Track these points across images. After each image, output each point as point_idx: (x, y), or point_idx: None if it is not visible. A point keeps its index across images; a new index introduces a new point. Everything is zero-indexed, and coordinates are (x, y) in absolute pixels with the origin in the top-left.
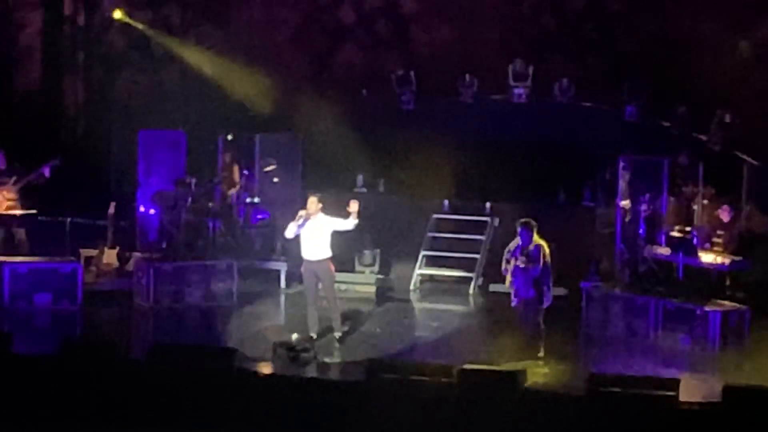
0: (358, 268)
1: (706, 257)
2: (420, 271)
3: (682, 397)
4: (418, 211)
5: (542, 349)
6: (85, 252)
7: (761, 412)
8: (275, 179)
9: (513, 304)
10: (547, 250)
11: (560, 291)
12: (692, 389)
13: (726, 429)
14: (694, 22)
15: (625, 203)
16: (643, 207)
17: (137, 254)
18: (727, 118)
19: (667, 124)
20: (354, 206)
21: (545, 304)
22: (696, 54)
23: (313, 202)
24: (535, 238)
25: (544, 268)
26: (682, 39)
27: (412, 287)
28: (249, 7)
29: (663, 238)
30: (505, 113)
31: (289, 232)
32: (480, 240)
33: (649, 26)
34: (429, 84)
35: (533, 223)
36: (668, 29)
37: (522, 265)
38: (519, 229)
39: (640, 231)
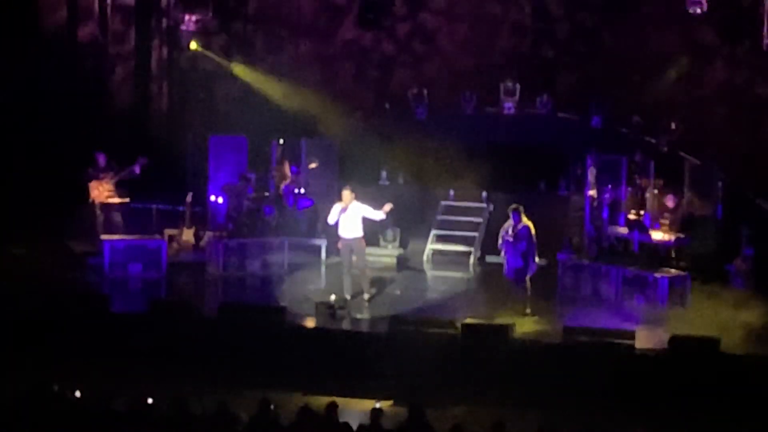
0: (381, 243)
1: (656, 235)
2: (431, 246)
3: (638, 345)
4: (429, 199)
5: (528, 307)
6: (168, 231)
7: (700, 356)
8: (313, 169)
9: (505, 272)
10: (533, 230)
11: (542, 262)
12: (646, 339)
13: (673, 370)
14: (644, 48)
15: (592, 192)
16: (606, 195)
17: (209, 233)
18: (672, 125)
19: (624, 130)
20: (388, 207)
21: (530, 273)
22: (646, 73)
23: (347, 194)
24: (524, 219)
25: (530, 244)
26: (635, 61)
27: (425, 259)
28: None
29: (622, 219)
30: (497, 122)
31: (332, 218)
32: (478, 221)
33: (609, 53)
34: (438, 99)
35: (521, 207)
36: (625, 55)
37: (511, 240)
38: (511, 213)
39: (604, 214)
